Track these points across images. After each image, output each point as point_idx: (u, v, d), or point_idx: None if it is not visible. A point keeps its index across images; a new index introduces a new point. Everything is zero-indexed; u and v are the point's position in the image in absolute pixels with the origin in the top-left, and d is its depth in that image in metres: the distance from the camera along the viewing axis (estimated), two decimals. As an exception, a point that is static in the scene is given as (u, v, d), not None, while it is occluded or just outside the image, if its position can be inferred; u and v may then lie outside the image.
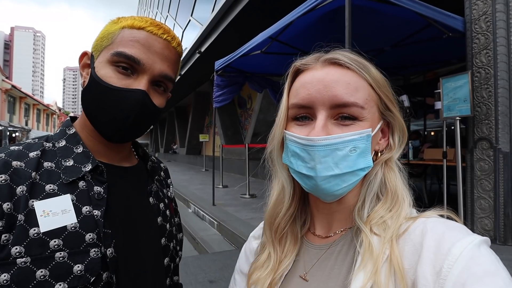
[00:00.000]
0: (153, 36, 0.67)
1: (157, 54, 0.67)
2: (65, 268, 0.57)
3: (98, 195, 0.64)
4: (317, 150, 0.52)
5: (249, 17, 8.06)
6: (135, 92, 0.65)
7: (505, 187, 3.45)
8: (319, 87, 0.54)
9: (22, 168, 0.60)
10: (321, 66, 0.57)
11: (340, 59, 0.56)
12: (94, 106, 0.67)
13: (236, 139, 14.38)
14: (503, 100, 3.49)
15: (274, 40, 4.65)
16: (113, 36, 0.68)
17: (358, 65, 0.56)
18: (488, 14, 3.59)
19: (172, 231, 0.81)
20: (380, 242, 0.50)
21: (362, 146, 0.53)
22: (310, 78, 0.56)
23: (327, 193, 0.54)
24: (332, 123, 0.54)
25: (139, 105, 0.66)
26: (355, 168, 0.53)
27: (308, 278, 0.58)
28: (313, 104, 0.54)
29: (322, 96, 0.53)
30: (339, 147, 0.52)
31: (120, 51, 0.65)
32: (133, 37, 0.66)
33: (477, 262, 0.42)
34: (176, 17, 17.96)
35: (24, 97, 34.22)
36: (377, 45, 4.99)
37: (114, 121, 0.66)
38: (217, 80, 5.92)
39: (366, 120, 0.54)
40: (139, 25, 0.67)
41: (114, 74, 0.65)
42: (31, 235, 0.56)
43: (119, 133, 0.68)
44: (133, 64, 0.65)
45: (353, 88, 0.54)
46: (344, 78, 0.54)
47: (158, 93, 0.70)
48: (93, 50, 0.71)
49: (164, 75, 0.69)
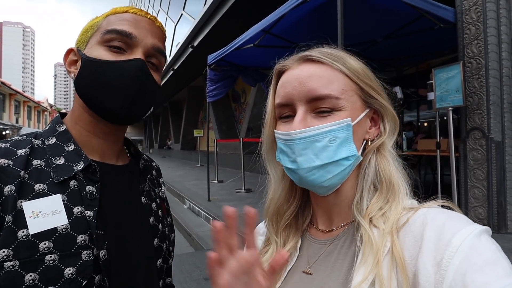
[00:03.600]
0: (138, 16, 0.69)
1: (146, 29, 0.68)
2: (55, 272, 0.55)
3: (90, 195, 0.62)
4: (296, 144, 0.54)
5: (242, 10, 7.98)
6: (133, 61, 0.65)
7: (498, 176, 3.50)
8: (295, 84, 0.56)
9: (10, 166, 0.58)
10: (297, 64, 0.59)
11: (312, 55, 0.58)
12: (94, 86, 0.65)
13: (231, 134, 14.35)
14: (494, 90, 3.52)
15: (266, 33, 4.60)
16: (98, 24, 0.68)
17: (332, 58, 0.57)
18: (478, 5, 3.60)
19: (165, 231, 0.79)
20: (380, 234, 0.51)
21: (342, 136, 0.54)
22: (287, 78, 0.58)
23: (314, 185, 0.56)
24: (311, 116, 0.56)
25: (140, 72, 0.65)
26: (337, 158, 0.54)
27: (312, 272, 0.58)
28: (291, 101, 0.57)
29: (298, 92, 0.56)
30: (317, 139, 0.54)
31: (111, 28, 0.66)
32: (119, 18, 0.68)
33: (477, 252, 0.42)
34: (168, 11, 17.73)
35: (14, 94, 33.65)
36: (370, 37, 4.98)
37: (119, 94, 0.64)
38: (210, 75, 5.87)
39: (345, 110, 0.55)
40: (122, 10, 0.70)
41: (107, 53, 0.65)
42: (20, 237, 0.54)
43: (125, 107, 0.65)
44: (125, 39, 0.66)
45: (327, 81, 0.55)
46: (317, 72, 0.56)
47: (153, 69, 0.70)
48: (79, 45, 0.70)
49: (157, 48, 0.69)
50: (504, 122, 3.53)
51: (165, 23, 18.68)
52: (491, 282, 0.39)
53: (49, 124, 0.70)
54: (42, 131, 0.68)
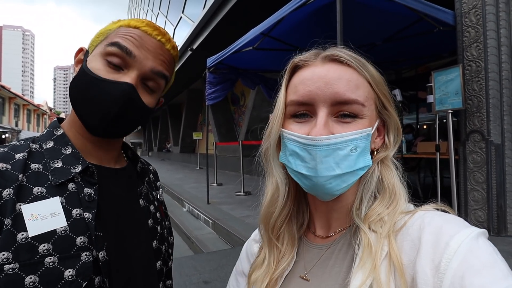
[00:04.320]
0: (147, 36, 0.68)
1: (149, 51, 0.67)
2: (55, 274, 0.55)
3: (88, 197, 0.63)
4: (318, 150, 0.51)
5: (241, 13, 8.02)
6: (120, 84, 0.64)
7: (498, 179, 3.50)
8: (320, 84, 0.53)
9: (8, 170, 0.58)
10: (321, 62, 0.56)
11: (340, 56, 0.55)
12: (79, 97, 0.66)
13: (230, 137, 14.36)
14: (493, 93, 3.52)
15: (265, 36, 4.62)
16: (109, 32, 0.69)
17: (358, 62, 0.55)
18: (478, 8, 3.61)
19: (163, 233, 0.79)
20: (377, 238, 0.50)
21: (362, 145, 0.53)
22: (310, 75, 0.55)
23: (327, 192, 0.54)
24: (332, 120, 0.53)
25: (123, 98, 0.64)
26: (355, 168, 0.53)
27: (309, 278, 0.58)
28: (313, 101, 0.53)
29: (323, 93, 0.52)
30: (340, 147, 0.51)
31: (115, 41, 0.66)
32: (127, 32, 0.67)
33: (475, 255, 0.42)
34: (167, 14, 17.79)
35: (13, 97, 33.72)
36: (369, 39, 5.00)
37: (98, 113, 0.64)
38: (209, 77, 5.88)
39: (366, 118, 0.54)
40: (135, 25, 0.68)
41: (103, 67, 0.65)
42: (19, 240, 0.54)
43: (102, 125, 0.65)
44: (124, 56, 0.65)
45: (354, 86, 0.53)
46: (345, 76, 0.54)
47: (147, 92, 0.69)
48: (89, 46, 0.71)
49: (157, 71, 0.68)
50: (503, 125, 3.53)
51: (164, 26, 18.73)
52: (489, 284, 0.39)
53: (46, 129, 0.71)
54: (39, 136, 0.69)
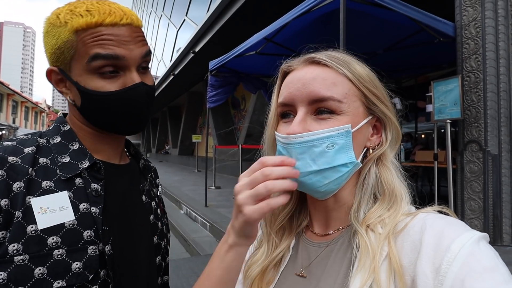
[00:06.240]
0: (116, 28, 0.63)
1: (129, 42, 0.64)
2: (63, 266, 0.56)
3: (95, 192, 0.64)
4: (293, 148, 0.54)
5: (245, 17, 8.05)
6: (137, 88, 0.66)
7: (494, 189, 3.51)
8: (299, 85, 0.56)
9: (18, 163, 0.59)
10: (302, 66, 0.59)
11: (318, 57, 0.58)
12: (106, 116, 0.67)
13: (229, 140, 14.34)
14: (491, 104, 3.56)
15: (269, 41, 4.65)
16: (72, 43, 0.62)
17: (337, 62, 0.57)
18: (477, 20, 3.66)
19: (163, 229, 0.81)
20: (377, 239, 0.51)
21: (341, 142, 0.53)
22: (291, 78, 0.59)
23: (311, 189, 0.55)
24: (311, 118, 0.56)
25: (145, 97, 0.67)
26: (334, 164, 0.53)
27: (306, 275, 0.58)
28: (293, 102, 0.57)
29: (301, 93, 0.56)
30: (315, 144, 0.53)
31: (94, 53, 0.61)
32: (97, 37, 0.61)
33: (476, 259, 0.42)
34: (171, 16, 17.86)
35: (12, 94, 33.48)
36: (370, 48, 5.03)
37: (130, 119, 0.68)
38: (211, 80, 5.90)
39: (346, 115, 0.55)
40: (96, 21, 0.61)
41: (104, 81, 0.64)
42: (29, 232, 0.55)
43: (133, 127, 0.70)
44: (114, 62, 0.63)
45: (330, 83, 0.55)
46: (322, 75, 0.56)
47: (145, 74, 0.70)
48: (58, 64, 0.66)
49: (144, 54, 0.68)
50: (500, 136, 3.56)
51: (167, 28, 18.78)
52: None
53: (53, 124, 0.72)
54: (46, 131, 0.70)
